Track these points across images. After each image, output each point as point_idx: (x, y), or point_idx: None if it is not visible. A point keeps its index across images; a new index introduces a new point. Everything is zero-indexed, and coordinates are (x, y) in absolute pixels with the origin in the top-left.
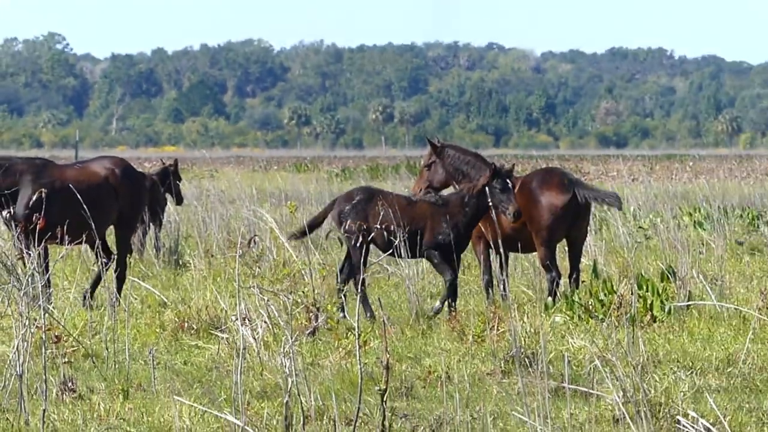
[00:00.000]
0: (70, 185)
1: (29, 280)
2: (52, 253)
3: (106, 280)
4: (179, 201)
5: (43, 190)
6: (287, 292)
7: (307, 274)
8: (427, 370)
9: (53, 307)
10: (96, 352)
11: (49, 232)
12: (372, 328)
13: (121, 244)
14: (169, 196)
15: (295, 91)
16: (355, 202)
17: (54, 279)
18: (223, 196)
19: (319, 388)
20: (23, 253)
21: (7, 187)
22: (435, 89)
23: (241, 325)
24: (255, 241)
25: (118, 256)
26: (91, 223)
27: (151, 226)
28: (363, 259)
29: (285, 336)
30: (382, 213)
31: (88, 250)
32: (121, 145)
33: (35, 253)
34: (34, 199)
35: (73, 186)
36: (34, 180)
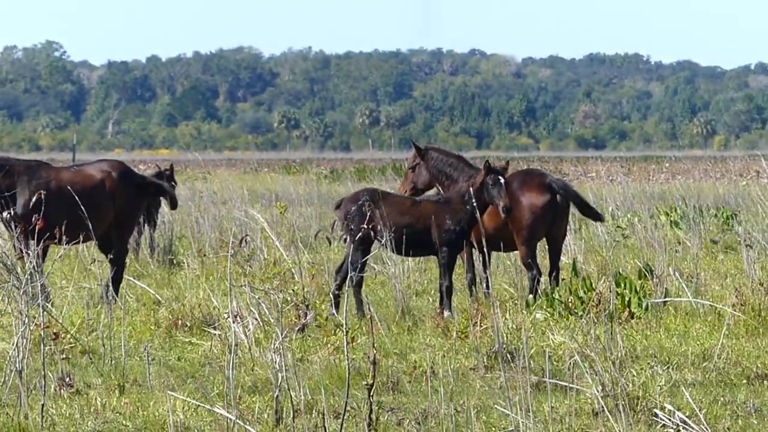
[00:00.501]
0: (66, 187)
1: (28, 280)
2: (50, 253)
3: (103, 278)
4: (173, 205)
5: (42, 191)
6: (277, 290)
7: (297, 273)
8: (412, 366)
9: (51, 305)
10: (93, 348)
11: (47, 233)
12: (359, 325)
13: (118, 245)
14: (163, 199)
15: (285, 96)
16: (361, 203)
17: (52, 278)
18: (216, 197)
19: (308, 383)
20: (22, 253)
21: (6, 189)
22: (419, 94)
23: (233, 322)
24: (246, 240)
25: (115, 257)
26: (88, 223)
27: (145, 226)
28: (363, 260)
29: (275, 333)
30: (386, 213)
31: (86, 250)
32: (117, 149)
33: (34, 252)
34: (33, 200)
35: (69, 187)
36: (31, 181)
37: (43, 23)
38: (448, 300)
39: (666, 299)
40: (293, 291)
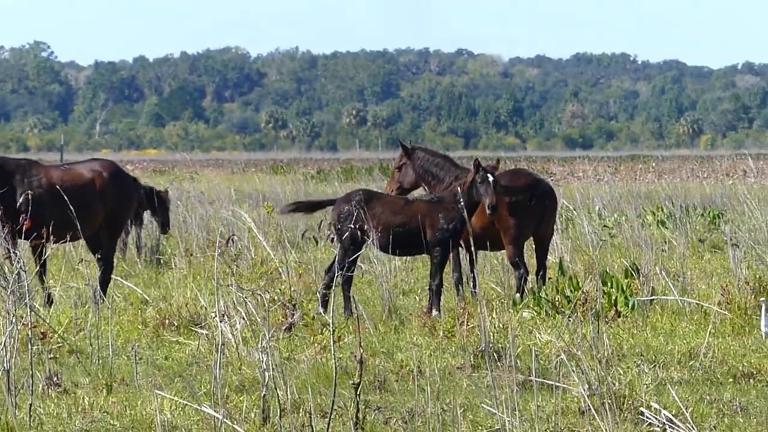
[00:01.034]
0: (57, 185)
1: (16, 279)
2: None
3: (91, 279)
4: (165, 229)
5: (28, 192)
6: (264, 289)
7: (284, 272)
8: (399, 365)
9: (39, 304)
10: (80, 348)
11: (35, 232)
12: (346, 324)
13: (107, 245)
14: (154, 220)
15: (272, 96)
16: (354, 203)
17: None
18: (203, 197)
19: (295, 382)
20: (10, 253)
21: None
22: (407, 94)
23: (220, 321)
24: (233, 240)
25: (103, 257)
26: (76, 222)
27: (132, 226)
28: (354, 259)
29: (262, 332)
30: (380, 213)
31: (73, 250)
32: (105, 149)
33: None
34: (20, 200)
35: (59, 186)
36: (23, 180)
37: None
38: (437, 299)
39: (652, 298)
40: (280, 290)
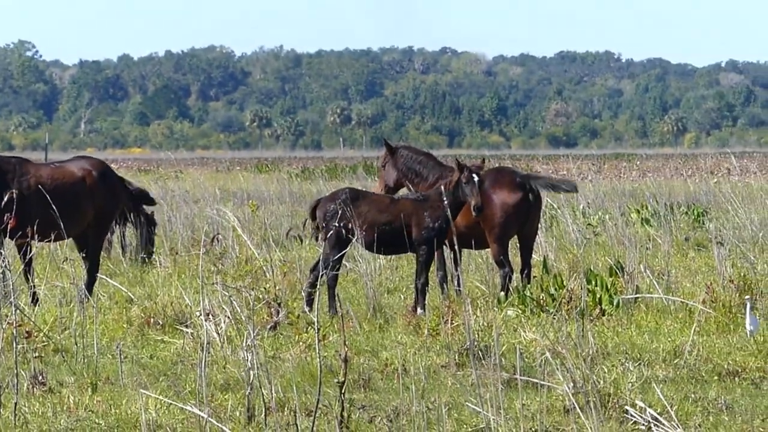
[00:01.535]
0: (48, 183)
1: (1, 278)
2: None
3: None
4: (147, 251)
5: (13, 191)
6: (249, 288)
7: (269, 271)
8: (384, 363)
9: (24, 303)
10: (65, 347)
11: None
12: (331, 323)
13: (94, 244)
14: (138, 237)
15: (256, 94)
16: (340, 201)
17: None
18: (188, 195)
19: (280, 381)
20: None
21: None
22: (391, 92)
23: (205, 320)
24: (218, 239)
25: (90, 255)
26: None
27: (116, 225)
28: (340, 257)
29: (247, 330)
30: (365, 212)
31: (58, 249)
32: (90, 147)
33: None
34: (6, 199)
35: (49, 184)
36: (14, 179)
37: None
38: (423, 298)
39: (637, 296)
40: (265, 289)
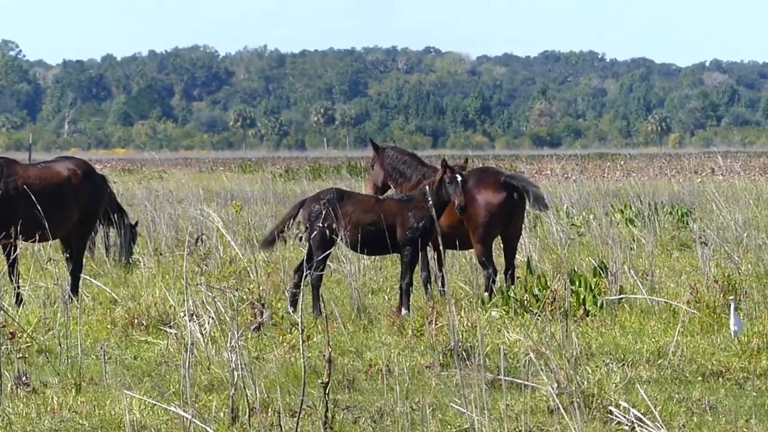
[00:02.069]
0: (33, 184)
1: None
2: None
3: (60, 278)
4: (127, 258)
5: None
6: (233, 288)
7: (253, 272)
8: (368, 364)
9: (8, 304)
10: (49, 347)
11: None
12: (315, 323)
13: (78, 244)
14: (119, 243)
15: (240, 94)
16: (324, 202)
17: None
18: (172, 196)
19: (264, 382)
20: None
21: None
22: (375, 92)
23: (189, 320)
24: (202, 239)
25: (73, 255)
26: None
27: (100, 225)
28: (325, 258)
29: (231, 331)
30: (350, 212)
31: (42, 249)
32: (73, 147)
33: None
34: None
35: (37, 185)
36: (0, 179)
37: None
38: (407, 298)
39: (621, 297)
40: (249, 290)
